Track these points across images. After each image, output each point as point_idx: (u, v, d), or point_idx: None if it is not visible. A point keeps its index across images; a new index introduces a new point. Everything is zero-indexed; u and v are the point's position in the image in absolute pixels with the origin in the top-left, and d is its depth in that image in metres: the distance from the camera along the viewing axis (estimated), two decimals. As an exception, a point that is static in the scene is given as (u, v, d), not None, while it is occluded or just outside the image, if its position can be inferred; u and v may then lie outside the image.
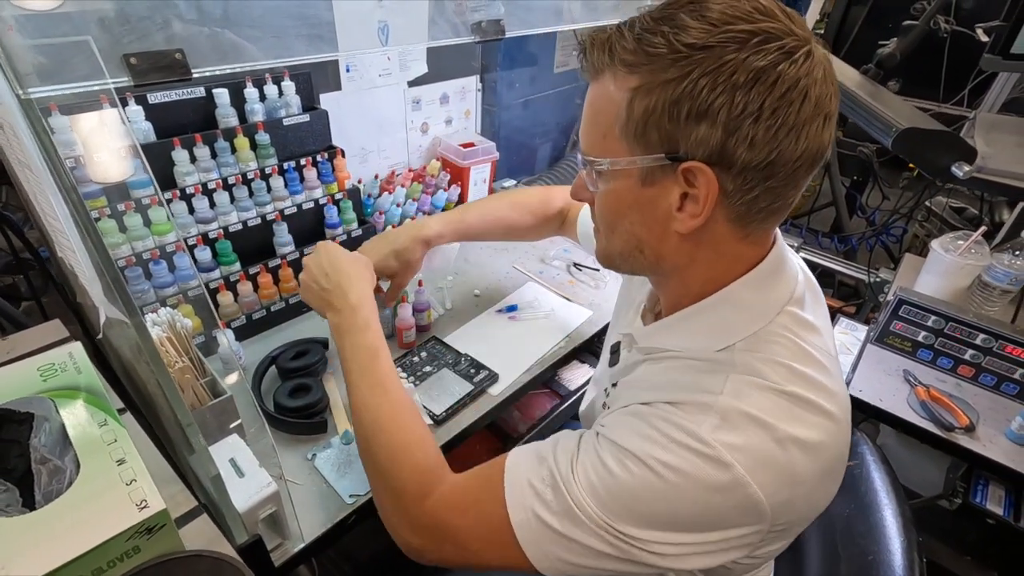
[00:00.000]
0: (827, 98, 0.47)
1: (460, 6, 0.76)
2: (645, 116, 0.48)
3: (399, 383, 0.73)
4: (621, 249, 0.58)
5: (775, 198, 0.50)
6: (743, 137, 0.46)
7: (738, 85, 0.45)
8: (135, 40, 0.49)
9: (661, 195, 0.51)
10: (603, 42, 0.50)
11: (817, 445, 0.49)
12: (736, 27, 0.45)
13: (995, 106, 1.78)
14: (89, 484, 0.46)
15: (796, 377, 0.51)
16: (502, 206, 1.04)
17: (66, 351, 0.59)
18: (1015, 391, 1.10)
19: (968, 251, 1.18)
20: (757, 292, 0.55)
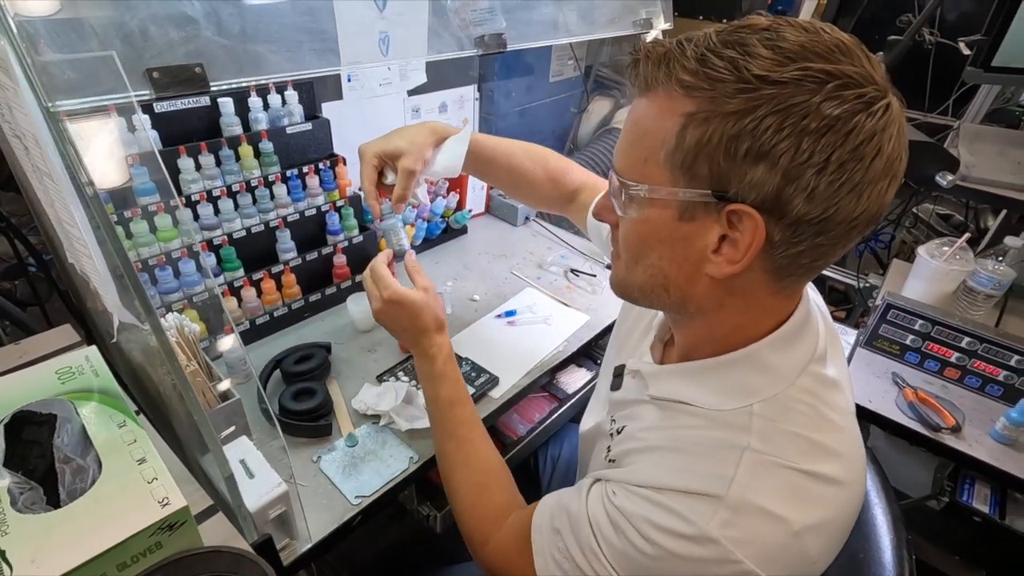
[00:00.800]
0: (898, 159, 0.44)
1: (463, 20, 0.79)
2: (698, 147, 0.44)
3: (474, 430, 0.77)
4: (643, 283, 0.54)
5: (819, 255, 0.47)
6: (803, 187, 0.42)
7: (808, 131, 0.41)
8: (156, 55, 0.51)
9: (698, 233, 0.48)
10: (660, 56, 0.46)
11: (831, 521, 0.49)
12: (815, 65, 0.41)
13: (978, 116, 1.83)
14: (112, 482, 0.48)
15: (812, 449, 0.49)
16: (519, 148, 0.96)
17: (82, 354, 0.60)
18: (999, 392, 1.13)
19: (953, 257, 1.22)
20: (782, 354, 0.53)
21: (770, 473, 0.48)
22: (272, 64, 0.59)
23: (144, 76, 0.50)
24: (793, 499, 0.47)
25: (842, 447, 0.51)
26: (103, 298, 0.69)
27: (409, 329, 0.80)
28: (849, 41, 0.43)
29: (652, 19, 1.17)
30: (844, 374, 0.58)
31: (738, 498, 0.47)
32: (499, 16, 0.81)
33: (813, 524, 0.47)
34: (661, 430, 0.57)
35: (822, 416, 0.51)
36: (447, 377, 0.79)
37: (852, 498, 0.51)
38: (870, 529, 0.79)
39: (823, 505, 0.48)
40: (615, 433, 0.64)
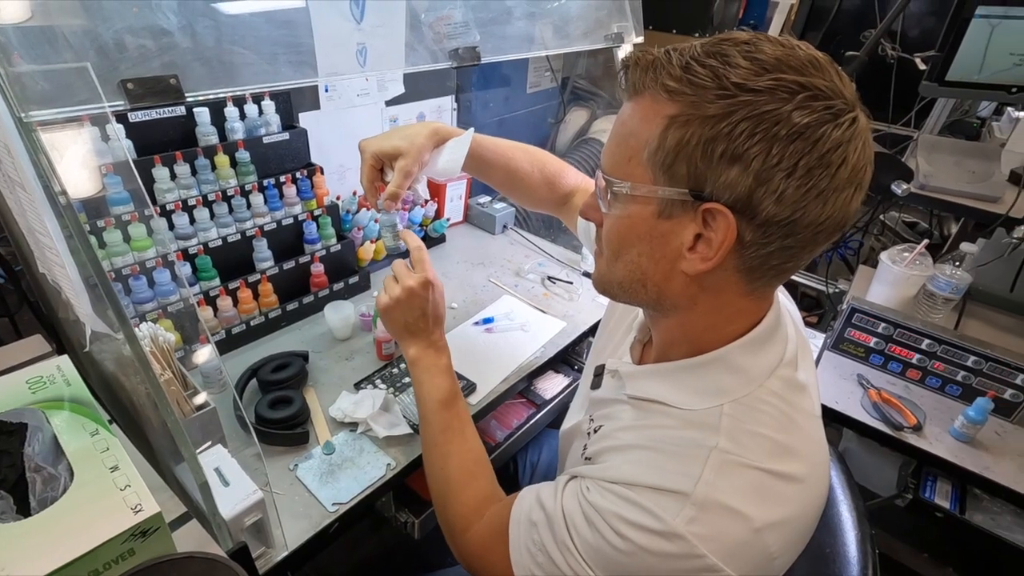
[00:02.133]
0: (863, 169, 0.46)
1: (438, 34, 0.81)
2: (677, 147, 0.47)
3: (469, 422, 0.78)
4: (623, 279, 0.56)
5: (788, 258, 0.49)
6: (772, 190, 0.45)
7: (778, 137, 0.43)
8: (131, 66, 0.52)
9: (675, 231, 0.50)
10: (649, 63, 0.49)
11: (792, 519, 0.51)
12: (788, 76, 0.44)
13: (936, 128, 1.91)
14: (84, 490, 0.48)
15: (777, 449, 0.52)
16: (518, 150, 0.97)
17: (54, 364, 0.60)
18: (958, 392, 1.18)
19: (913, 263, 1.27)
20: (752, 356, 0.55)
21: (735, 472, 0.50)
22: (248, 75, 0.60)
23: (119, 87, 0.51)
24: (756, 497, 0.50)
25: (805, 448, 0.54)
26: (75, 308, 0.68)
27: (429, 315, 0.81)
28: (822, 58, 0.46)
29: (623, 33, 1.21)
30: (812, 379, 0.61)
31: (704, 496, 0.49)
32: (473, 30, 0.83)
33: (774, 521, 0.50)
34: (636, 429, 0.59)
35: (788, 418, 0.54)
36: (451, 370, 0.82)
37: (813, 497, 0.54)
38: (836, 525, 0.82)
39: (784, 503, 0.51)
40: (592, 432, 0.66)
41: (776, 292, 0.59)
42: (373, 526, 1.39)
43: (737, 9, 2.72)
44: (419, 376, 0.81)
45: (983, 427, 1.07)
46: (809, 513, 0.54)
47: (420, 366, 0.81)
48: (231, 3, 0.61)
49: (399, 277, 0.82)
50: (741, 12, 3.01)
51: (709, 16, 2.44)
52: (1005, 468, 1.04)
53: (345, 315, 1.09)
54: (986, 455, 1.06)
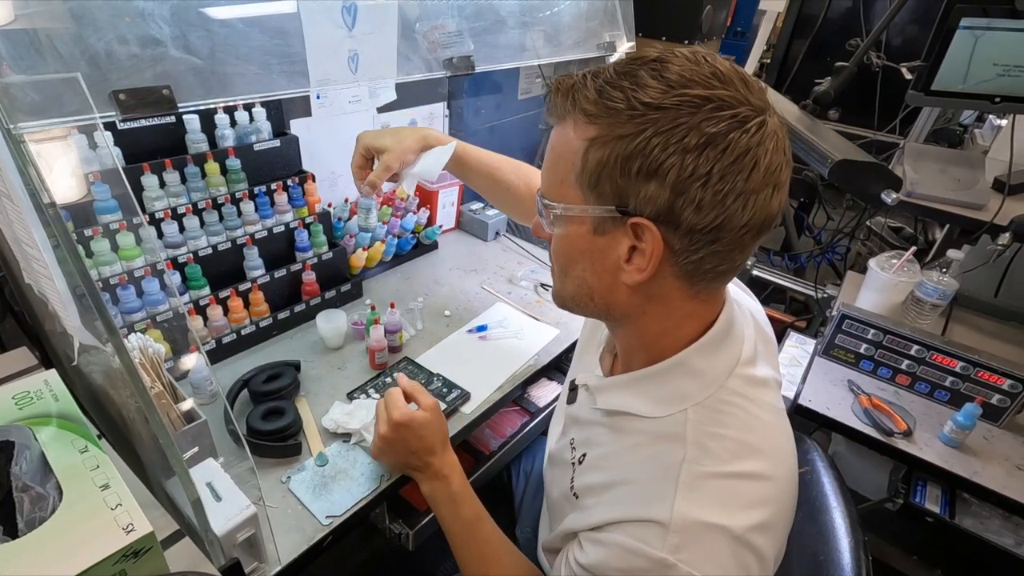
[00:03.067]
0: (777, 168, 0.48)
1: (432, 43, 0.81)
2: (599, 168, 0.49)
3: (501, 546, 0.76)
4: (573, 293, 0.59)
5: (721, 261, 0.51)
6: (690, 200, 0.47)
7: (689, 148, 0.46)
8: (123, 77, 0.51)
9: (611, 246, 0.52)
10: (568, 89, 0.51)
11: (772, 516, 0.52)
12: (692, 91, 0.46)
13: (921, 136, 1.94)
14: (73, 510, 0.46)
15: (741, 448, 0.54)
16: (505, 163, 1.02)
17: (41, 379, 0.59)
18: (947, 397, 1.19)
19: (901, 269, 1.28)
20: (709, 358, 0.57)
21: (706, 485, 0.52)
22: (241, 85, 0.59)
23: (110, 98, 0.50)
24: (731, 505, 0.51)
25: (769, 443, 0.56)
26: (63, 319, 0.67)
27: (417, 450, 0.79)
28: (726, 70, 0.48)
29: (615, 42, 1.21)
30: (774, 373, 0.63)
31: (681, 519, 0.50)
32: (467, 39, 0.83)
33: (754, 524, 0.51)
34: (614, 457, 0.60)
35: (751, 415, 0.56)
36: (465, 497, 0.78)
37: (782, 490, 0.55)
38: (829, 532, 0.82)
39: (759, 504, 0.52)
40: (576, 463, 0.66)
41: (728, 293, 0.61)
42: (364, 535, 1.38)
43: (725, 17, 2.74)
44: (437, 511, 0.79)
45: (971, 432, 1.08)
46: (785, 507, 0.56)
47: (435, 500, 0.79)
48: (223, 13, 0.61)
49: (377, 425, 0.82)
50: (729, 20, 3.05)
51: (698, 24, 2.46)
52: (993, 473, 1.05)
53: (337, 324, 1.09)
54: (975, 460, 1.07)
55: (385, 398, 0.83)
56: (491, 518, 0.78)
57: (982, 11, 1.19)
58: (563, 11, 1.08)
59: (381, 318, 1.06)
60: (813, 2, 2.49)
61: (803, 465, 0.92)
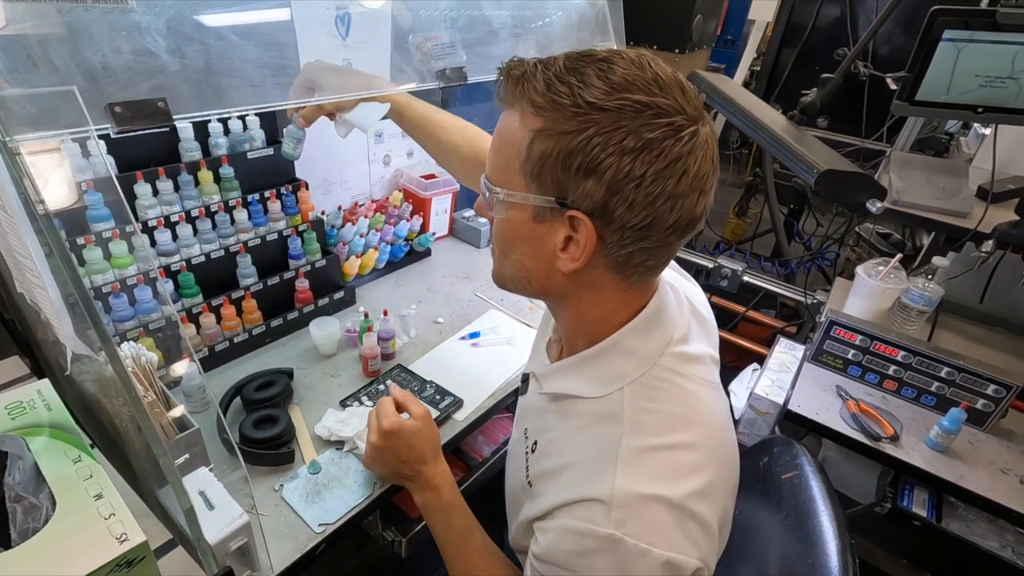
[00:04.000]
0: (705, 175, 0.51)
1: (425, 54, 0.82)
2: (542, 159, 0.51)
3: (492, 556, 0.76)
4: (512, 275, 0.61)
5: (648, 256, 0.54)
6: (624, 199, 0.49)
7: (626, 150, 0.48)
8: (119, 89, 0.51)
9: (549, 234, 0.55)
10: (518, 77, 0.52)
11: (709, 482, 0.55)
12: (633, 96, 0.48)
13: (907, 145, 1.97)
14: (66, 520, 0.47)
15: (672, 420, 0.57)
16: (452, 122, 0.98)
17: (34, 388, 0.59)
18: (933, 402, 1.21)
19: (888, 276, 1.30)
20: (641, 338, 0.60)
21: (642, 459, 0.54)
22: (236, 97, 0.60)
23: (106, 110, 0.51)
24: (666, 475, 0.54)
25: (700, 414, 0.59)
26: (56, 329, 0.67)
27: (407, 459, 0.79)
28: (668, 77, 0.50)
29: (607, 52, 1.23)
30: (709, 350, 0.67)
31: (621, 494, 0.52)
32: (459, 50, 0.84)
33: (691, 491, 0.53)
34: (561, 441, 0.62)
35: (683, 388, 0.59)
36: (456, 506, 0.79)
37: (717, 458, 0.58)
38: (817, 535, 0.83)
39: (693, 471, 0.55)
40: (530, 451, 0.68)
41: (662, 280, 0.63)
42: (357, 542, 1.38)
43: (715, 26, 2.78)
44: (428, 520, 0.80)
45: (957, 436, 1.10)
46: (722, 473, 0.58)
47: (426, 510, 0.80)
48: (218, 22, 0.62)
49: (368, 434, 0.83)
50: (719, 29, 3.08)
51: (688, 33, 2.49)
52: (979, 477, 1.06)
53: (330, 331, 1.09)
54: (960, 464, 1.09)
55: (376, 407, 0.83)
56: (482, 529, 0.78)
57: (964, 24, 1.21)
58: (554, 22, 1.09)
59: (374, 325, 1.07)
60: (802, 11, 2.52)
61: (791, 470, 0.93)
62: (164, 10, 0.53)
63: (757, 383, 1.31)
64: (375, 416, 0.82)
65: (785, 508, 0.88)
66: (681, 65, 2.64)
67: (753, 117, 1.25)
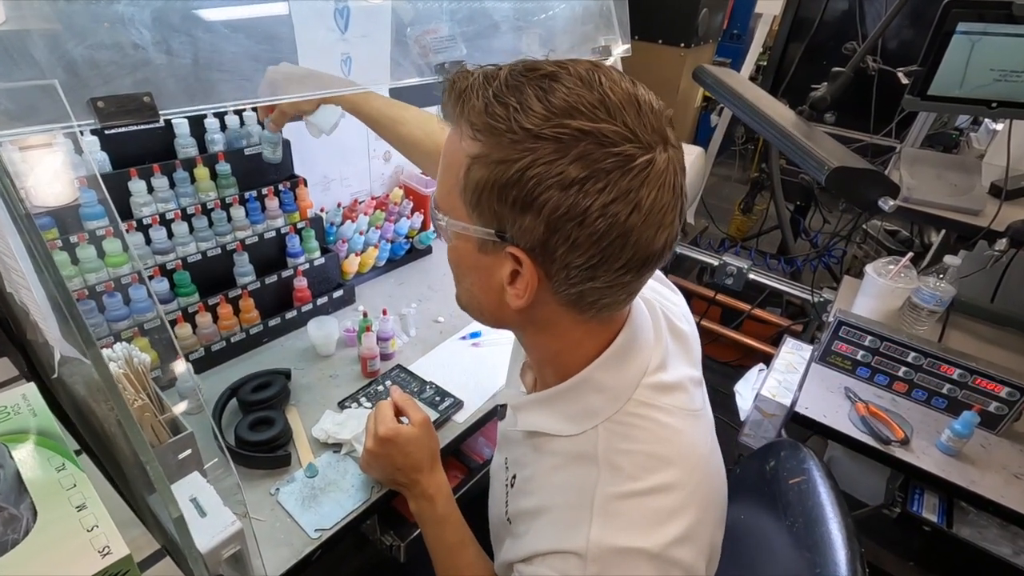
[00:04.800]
0: (662, 210, 0.45)
1: (423, 48, 0.79)
2: (478, 189, 0.47)
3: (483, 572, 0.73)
4: (466, 302, 0.58)
5: (602, 296, 0.49)
6: (565, 237, 0.44)
7: (564, 184, 0.43)
8: (102, 84, 0.49)
9: (495, 266, 0.50)
10: (460, 93, 0.47)
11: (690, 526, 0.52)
12: (574, 122, 0.42)
13: (917, 141, 1.94)
14: (48, 532, 0.45)
15: (650, 461, 0.53)
16: (411, 115, 0.93)
17: (19, 393, 0.57)
18: (944, 405, 1.19)
19: (898, 275, 1.27)
20: (613, 372, 0.55)
21: (619, 508, 0.51)
22: (226, 91, 0.58)
23: (88, 105, 0.49)
24: (645, 525, 0.51)
25: (679, 450, 0.55)
26: (44, 331, 0.66)
27: (403, 467, 0.77)
28: (618, 97, 0.44)
29: (611, 46, 1.20)
30: (687, 372, 0.62)
31: (596, 548, 0.49)
32: (459, 44, 0.82)
33: (671, 539, 0.50)
34: (536, 480, 0.59)
35: (659, 423, 0.55)
36: (450, 519, 0.76)
37: (699, 496, 0.55)
38: (826, 544, 0.81)
39: (673, 517, 0.52)
40: (508, 485, 0.65)
41: (635, 305, 0.58)
42: (355, 544, 1.36)
43: (721, 20, 2.74)
44: (422, 529, 0.78)
45: (969, 440, 1.08)
46: (706, 511, 0.55)
47: (420, 519, 0.78)
48: (207, 16, 0.59)
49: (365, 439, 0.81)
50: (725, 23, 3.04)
51: (694, 27, 2.46)
52: (991, 481, 1.04)
53: (329, 331, 1.07)
54: (972, 469, 1.06)
55: (374, 411, 0.81)
56: (476, 543, 0.75)
57: (978, 16, 1.18)
58: (557, 15, 1.06)
59: (373, 325, 1.05)
60: (809, 5, 2.48)
61: (798, 475, 0.91)
62: (150, 1, 0.51)
63: (763, 384, 1.28)
64: (372, 421, 0.80)
65: (792, 514, 0.86)
66: (687, 59, 2.60)
67: (762, 113, 1.22)
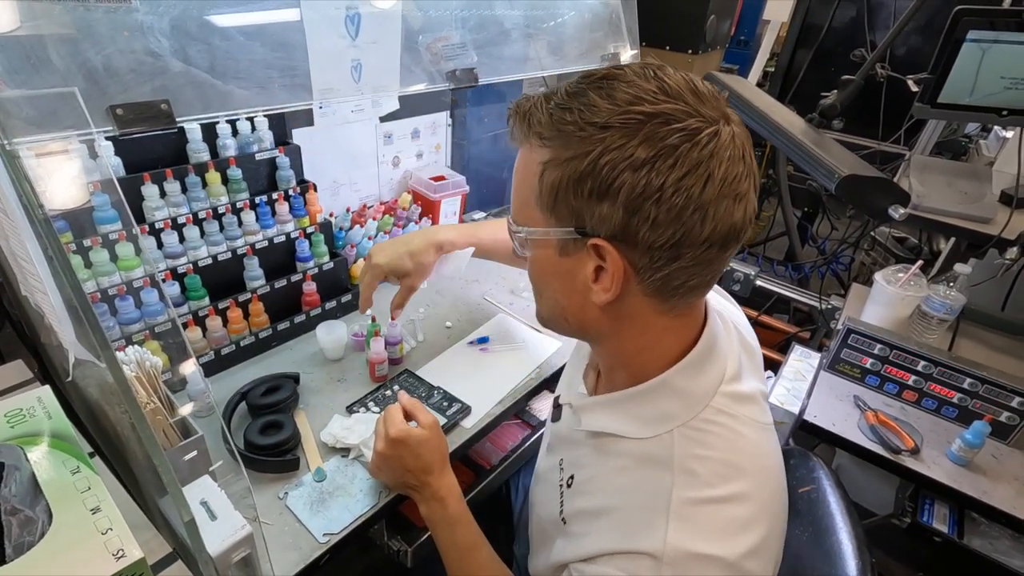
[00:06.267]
0: (736, 178, 0.47)
1: (435, 55, 0.80)
2: (553, 190, 0.50)
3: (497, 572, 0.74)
4: (548, 314, 0.60)
5: (689, 276, 0.50)
6: (644, 217, 0.46)
7: (637, 165, 0.45)
8: (121, 91, 0.50)
9: (577, 267, 0.52)
10: (524, 114, 0.52)
11: (762, 539, 0.51)
12: (638, 108, 0.46)
13: (927, 148, 1.93)
14: (63, 534, 0.45)
15: (726, 469, 0.53)
16: None
17: (34, 396, 0.58)
18: (954, 414, 1.18)
19: (908, 283, 1.27)
20: (692, 379, 0.56)
21: (696, 513, 0.51)
22: (241, 99, 0.59)
23: (107, 112, 0.49)
24: (721, 533, 0.50)
25: (754, 462, 0.55)
26: (59, 334, 0.66)
27: (413, 469, 0.77)
28: (675, 83, 0.47)
29: (619, 52, 1.21)
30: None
31: (673, 551, 0.49)
32: (470, 51, 0.83)
33: (746, 551, 0.50)
34: (601, 480, 0.59)
35: (736, 433, 0.55)
36: (462, 520, 0.76)
37: (771, 510, 0.55)
38: (836, 554, 0.80)
39: (748, 528, 0.51)
40: (565, 485, 0.65)
41: (709, 304, 0.60)
42: (362, 549, 1.36)
43: (729, 27, 2.74)
44: (433, 532, 0.78)
45: (980, 450, 1.07)
46: (774, 525, 0.55)
47: (431, 522, 0.78)
48: (224, 22, 0.60)
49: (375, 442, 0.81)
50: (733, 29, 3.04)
51: (702, 33, 2.46)
52: (1003, 492, 1.03)
53: (337, 335, 1.07)
54: (984, 479, 1.05)
55: (384, 414, 0.81)
56: (488, 545, 0.75)
57: (989, 24, 1.18)
58: (566, 22, 1.07)
59: (382, 330, 1.05)
60: (817, 12, 2.48)
61: (808, 484, 0.91)
62: (168, 10, 0.51)
63: (771, 392, 1.28)
64: (382, 423, 0.81)
65: (802, 524, 0.85)
66: (694, 66, 2.61)
67: (772, 120, 1.22)
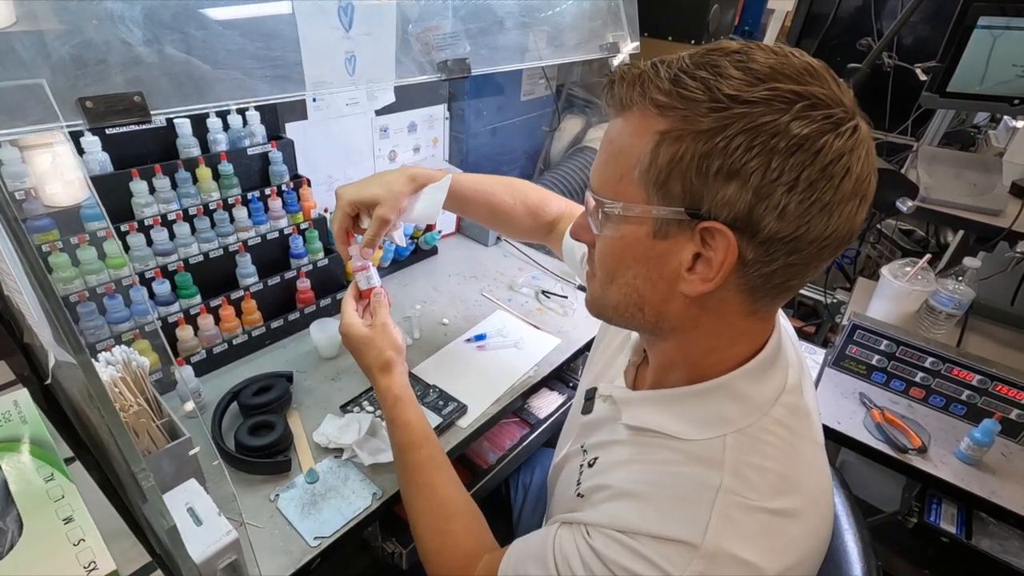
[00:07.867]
0: (867, 179, 0.44)
1: (426, 45, 0.77)
2: (670, 165, 0.45)
3: (433, 474, 0.74)
4: (618, 302, 0.54)
5: (792, 275, 0.47)
6: (774, 205, 0.43)
7: (777, 150, 0.41)
8: (92, 83, 0.48)
9: (672, 251, 0.48)
10: (635, 77, 0.47)
11: (801, 560, 0.49)
12: (783, 86, 0.42)
13: (935, 139, 1.89)
14: (33, 546, 0.44)
15: (780, 482, 0.50)
16: (498, 184, 0.96)
17: (11, 399, 0.56)
18: (963, 412, 1.15)
19: (915, 278, 1.24)
20: (755, 384, 0.53)
21: (742, 516, 0.48)
22: (221, 91, 0.56)
23: (77, 105, 0.47)
24: (765, 543, 0.47)
25: (809, 480, 0.52)
26: (38, 335, 0.64)
27: (360, 366, 0.82)
28: (818, 65, 0.44)
29: (619, 43, 1.18)
30: (814, 403, 0.59)
31: (713, 546, 0.46)
32: (463, 41, 0.80)
33: (783, 569, 0.47)
34: (636, 466, 0.56)
35: (793, 448, 0.52)
36: (395, 421, 0.78)
37: (818, 534, 0.52)
38: (841, 557, 0.78)
39: (791, 546, 0.49)
40: (586, 465, 0.62)
41: (779, 314, 0.57)
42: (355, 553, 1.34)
43: (733, 16, 2.70)
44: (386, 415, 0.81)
45: (989, 449, 1.04)
46: (815, 548, 0.52)
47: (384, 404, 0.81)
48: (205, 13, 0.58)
49: None
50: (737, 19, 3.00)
51: (705, 23, 2.42)
52: (1012, 492, 1.00)
53: (331, 333, 1.06)
54: (993, 478, 1.03)
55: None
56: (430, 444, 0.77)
57: (1000, 10, 1.14)
58: (564, 11, 1.04)
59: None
60: (823, 1, 2.43)
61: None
62: (141, -3, 0.49)
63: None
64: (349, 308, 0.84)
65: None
66: (697, 57, 2.56)
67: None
